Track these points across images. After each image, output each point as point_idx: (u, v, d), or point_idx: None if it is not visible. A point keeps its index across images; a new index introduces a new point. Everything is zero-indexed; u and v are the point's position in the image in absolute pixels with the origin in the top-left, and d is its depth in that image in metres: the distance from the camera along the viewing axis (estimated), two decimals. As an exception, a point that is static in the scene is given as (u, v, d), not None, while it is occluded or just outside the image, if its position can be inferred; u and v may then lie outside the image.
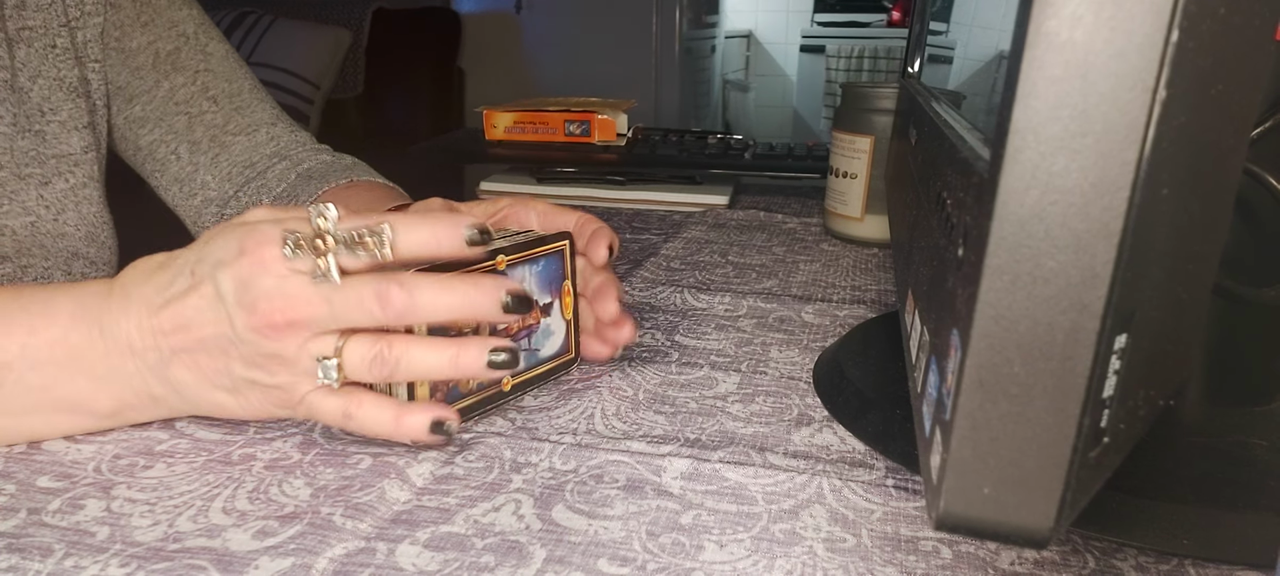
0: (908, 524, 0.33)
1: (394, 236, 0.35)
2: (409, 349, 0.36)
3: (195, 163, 0.67)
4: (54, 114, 0.60)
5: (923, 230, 0.32)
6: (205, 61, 0.67)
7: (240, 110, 0.68)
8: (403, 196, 0.65)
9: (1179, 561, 0.31)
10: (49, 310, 0.37)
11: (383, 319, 0.35)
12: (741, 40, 3.69)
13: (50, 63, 0.60)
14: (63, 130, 0.60)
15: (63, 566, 0.30)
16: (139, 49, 0.65)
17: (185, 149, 0.67)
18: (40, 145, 0.59)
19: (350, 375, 0.36)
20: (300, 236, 0.35)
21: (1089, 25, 0.17)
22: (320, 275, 0.35)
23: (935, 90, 0.44)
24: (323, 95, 2.43)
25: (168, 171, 0.68)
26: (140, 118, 0.66)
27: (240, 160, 0.68)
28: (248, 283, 0.35)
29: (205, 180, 0.67)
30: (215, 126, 0.67)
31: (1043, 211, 0.18)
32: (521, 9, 2.70)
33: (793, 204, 0.93)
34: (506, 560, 0.30)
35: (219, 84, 0.68)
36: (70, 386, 0.37)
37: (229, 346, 0.36)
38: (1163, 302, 0.21)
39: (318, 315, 0.35)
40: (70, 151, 0.61)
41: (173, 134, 0.66)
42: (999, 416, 0.19)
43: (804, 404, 0.43)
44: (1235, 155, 0.23)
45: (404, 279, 0.35)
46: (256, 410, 0.38)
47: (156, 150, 0.67)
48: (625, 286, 0.63)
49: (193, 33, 0.67)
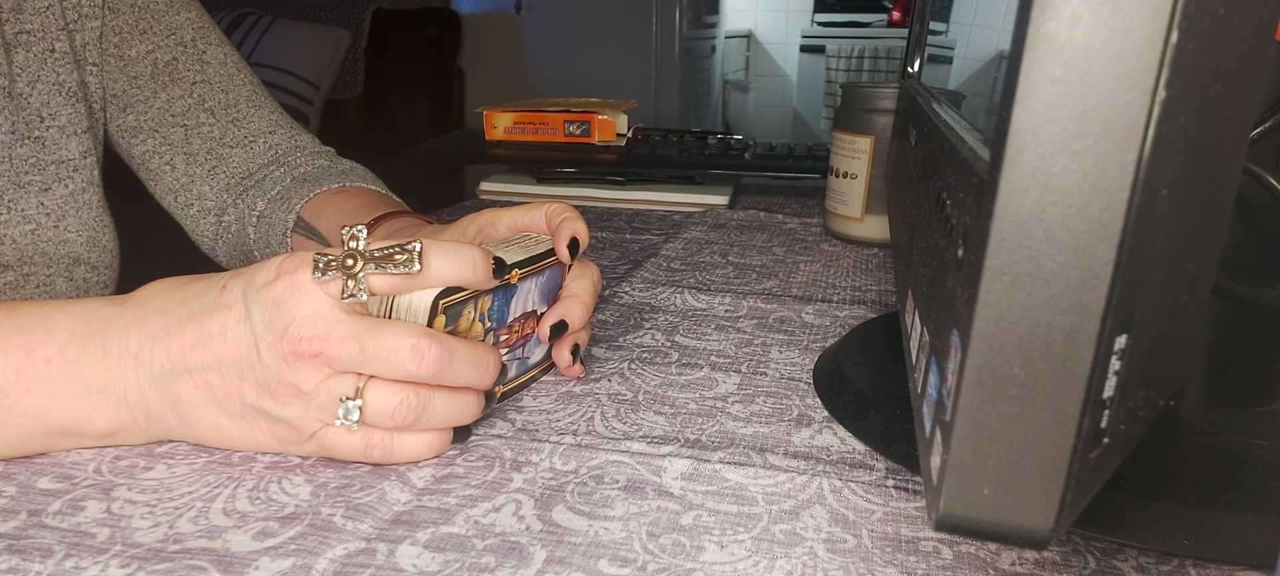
0: (908, 524, 0.33)
1: (425, 260, 0.35)
2: (433, 398, 0.36)
3: (191, 174, 0.67)
4: (53, 119, 0.59)
5: (923, 231, 0.32)
6: (202, 72, 0.66)
7: (237, 122, 0.68)
8: (396, 203, 0.64)
9: (1179, 561, 0.31)
10: (46, 326, 0.36)
11: (414, 374, 0.35)
12: (741, 40, 3.69)
13: (49, 67, 0.59)
14: (62, 135, 0.60)
15: (63, 567, 0.30)
16: (137, 58, 0.64)
17: (181, 160, 0.66)
18: (40, 152, 0.58)
19: (370, 420, 0.35)
20: (331, 258, 0.35)
21: (1088, 26, 0.17)
22: (350, 294, 0.34)
23: (935, 90, 0.44)
24: (322, 96, 2.43)
25: (161, 181, 0.67)
26: (135, 127, 0.65)
27: (237, 171, 0.67)
28: (281, 306, 0.34)
29: (202, 191, 0.67)
30: (212, 139, 0.67)
31: (1042, 212, 0.18)
32: (521, 9, 2.70)
33: (793, 204, 0.93)
34: (507, 561, 0.30)
35: (216, 95, 0.67)
36: (64, 407, 0.36)
37: (247, 369, 0.35)
38: (1163, 303, 0.21)
39: (347, 354, 0.34)
40: (70, 157, 0.60)
41: (168, 145, 0.66)
42: (999, 417, 0.19)
43: (804, 404, 0.43)
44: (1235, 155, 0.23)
45: (442, 339, 0.35)
46: (257, 442, 0.37)
47: (150, 160, 0.67)
48: (625, 286, 0.63)
49: (190, 40, 0.66)
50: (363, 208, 0.61)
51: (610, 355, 0.50)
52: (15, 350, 0.35)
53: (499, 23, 2.73)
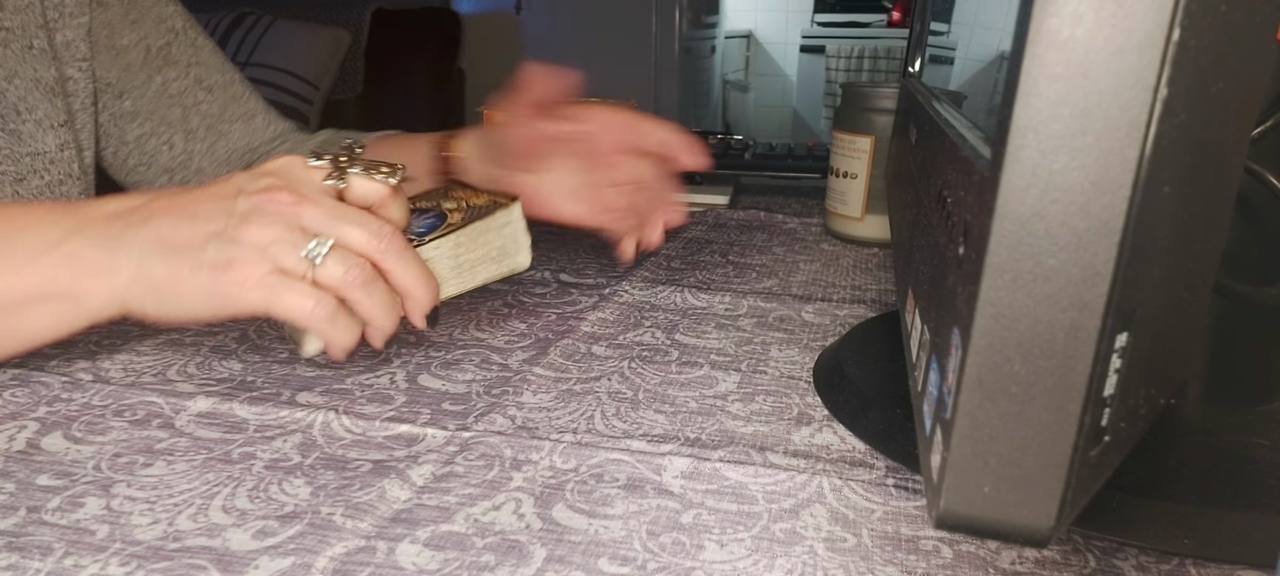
0: (908, 523, 0.33)
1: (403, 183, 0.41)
2: (377, 283, 0.40)
3: (190, 151, 0.68)
4: (30, 113, 0.60)
5: (923, 229, 0.32)
6: (196, 55, 0.69)
7: (235, 99, 0.70)
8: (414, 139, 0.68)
9: (1180, 561, 0.31)
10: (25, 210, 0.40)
11: (374, 248, 0.40)
12: (741, 40, 3.69)
13: (27, 63, 0.60)
14: (38, 128, 0.61)
15: (62, 565, 0.30)
16: (129, 46, 0.66)
17: (179, 138, 0.68)
18: (15, 144, 0.60)
19: (328, 270, 0.38)
20: (326, 154, 0.41)
21: (1090, 23, 0.17)
22: (331, 179, 0.40)
23: (936, 90, 0.44)
24: (322, 95, 2.43)
25: (157, 162, 0.68)
26: (130, 112, 0.67)
27: (239, 145, 0.69)
28: (268, 170, 0.39)
29: (201, 166, 0.69)
30: (211, 115, 0.68)
31: (1044, 210, 0.18)
32: (521, 9, 2.70)
33: (793, 204, 0.93)
34: (507, 559, 0.30)
35: (212, 76, 0.69)
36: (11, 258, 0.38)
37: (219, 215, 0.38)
38: (1163, 301, 0.21)
39: (318, 211, 0.39)
40: (45, 149, 0.61)
41: (165, 126, 0.67)
42: (1000, 415, 0.19)
43: (804, 403, 0.43)
44: (1236, 154, 0.23)
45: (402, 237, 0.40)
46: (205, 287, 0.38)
47: (146, 143, 0.68)
48: (625, 285, 0.63)
49: (182, 28, 0.68)
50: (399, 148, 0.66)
51: (610, 353, 0.50)
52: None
53: (499, 23, 2.73)
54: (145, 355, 0.48)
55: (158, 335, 0.51)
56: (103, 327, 0.52)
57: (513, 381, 0.45)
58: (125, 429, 0.39)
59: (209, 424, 0.40)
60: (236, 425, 0.40)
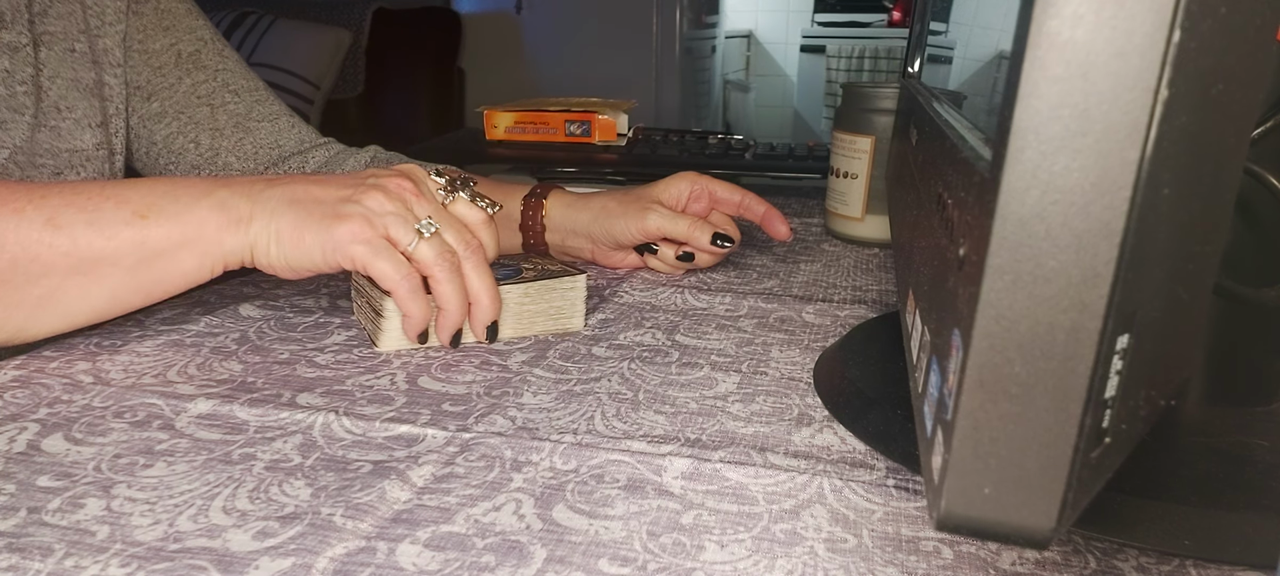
0: (909, 524, 0.33)
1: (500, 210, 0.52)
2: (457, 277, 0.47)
3: (216, 148, 0.71)
4: (69, 111, 0.63)
5: (924, 230, 0.32)
6: (223, 62, 0.72)
7: (261, 101, 0.73)
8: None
9: (1180, 562, 0.31)
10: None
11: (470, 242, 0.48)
12: (742, 40, 3.69)
13: (68, 65, 0.63)
14: (77, 127, 0.64)
15: (63, 566, 0.30)
16: (161, 50, 0.69)
17: (206, 136, 0.71)
18: (55, 139, 0.62)
19: (423, 250, 0.46)
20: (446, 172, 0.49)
21: (1090, 25, 0.17)
22: (445, 192, 0.49)
23: (936, 90, 0.44)
24: (323, 95, 2.43)
25: (184, 160, 0.71)
26: (158, 112, 0.70)
27: (265, 142, 0.72)
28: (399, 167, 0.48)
29: (228, 161, 0.71)
30: (238, 115, 0.72)
31: (1044, 211, 0.18)
32: (521, 9, 2.70)
33: (793, 204, 0.93)
34: (507, 560, 0.30)
35: (238, 81, 0.73)
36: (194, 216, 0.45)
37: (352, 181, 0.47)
38: (1164, 302, 0.21)
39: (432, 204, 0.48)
40: (82, 147, 0.64)
41: (193, 125, 0.70)
42: (1000, 416, 0.19)
43: (804, 404, 0.43)
44: (1236, 155, 0.23)
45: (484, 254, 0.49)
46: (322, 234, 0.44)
47: (174, 142, 0.70)
48: (626, 285, 0.63)
49: (210, 38, 0.72)
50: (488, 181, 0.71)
51: (610, 354, 0.50)
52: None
53: (499, 23, 2.73)
54: (146, 357, 0.48)
55: (158, 336, 0.51)
56: (103, 328, 0.52)
57: (513, 382, 0.45)
58: (126, 430, 0.39)
59: (209, 425, 0.40)
60: (237, 426, 0.40)
